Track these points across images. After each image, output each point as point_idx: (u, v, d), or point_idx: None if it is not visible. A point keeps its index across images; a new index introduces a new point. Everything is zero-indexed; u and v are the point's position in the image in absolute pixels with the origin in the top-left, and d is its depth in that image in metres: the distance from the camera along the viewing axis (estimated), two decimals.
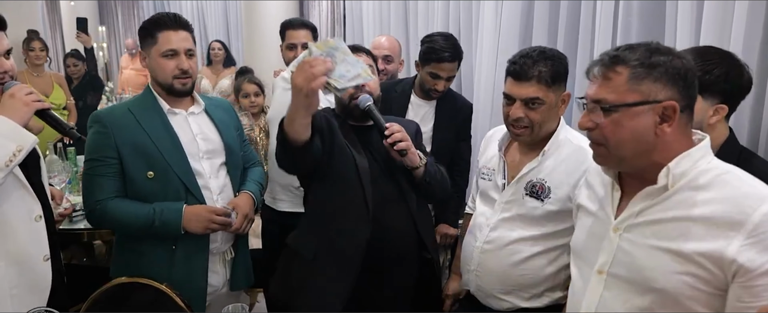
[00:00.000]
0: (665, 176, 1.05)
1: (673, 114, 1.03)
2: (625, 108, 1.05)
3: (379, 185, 1.62)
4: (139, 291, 1.66)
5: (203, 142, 1.78)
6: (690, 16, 1.80)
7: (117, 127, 1.69)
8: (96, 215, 1.72)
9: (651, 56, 1.04)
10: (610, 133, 1.07)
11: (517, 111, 1.55)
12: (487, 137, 1.84)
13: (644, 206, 1.09)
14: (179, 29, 1.72)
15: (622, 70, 1.05)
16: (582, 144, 1.58)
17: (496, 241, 1.64)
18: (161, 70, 1.71)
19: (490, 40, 2.67)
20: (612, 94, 1.06)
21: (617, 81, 1.05)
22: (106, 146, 1.68)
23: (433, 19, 3.17)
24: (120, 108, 1.77)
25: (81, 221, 2.52)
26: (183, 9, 8.17)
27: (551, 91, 1.54)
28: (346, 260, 1.59)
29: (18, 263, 1.41)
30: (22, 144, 1.36)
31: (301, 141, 1.43)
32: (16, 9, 4.33)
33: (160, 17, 1.74)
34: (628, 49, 1.07)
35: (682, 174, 1.05)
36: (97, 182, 1.69)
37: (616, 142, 1.08)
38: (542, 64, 1.51)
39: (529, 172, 1.61)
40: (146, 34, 1.73)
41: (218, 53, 5.47)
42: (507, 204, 1.64)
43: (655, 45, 1.07)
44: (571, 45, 2.32)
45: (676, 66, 1.03)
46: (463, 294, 1.86)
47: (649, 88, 1.03)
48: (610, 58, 1.08)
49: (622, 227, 1.12)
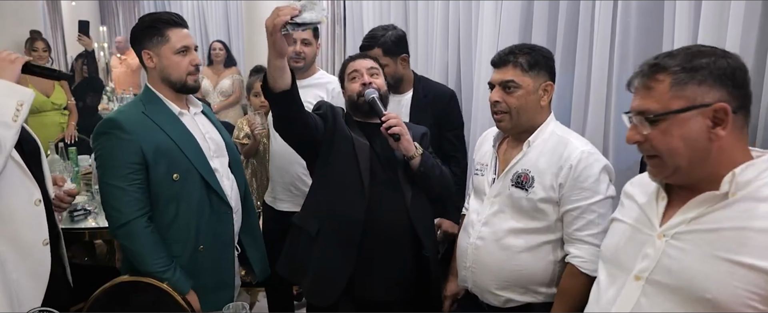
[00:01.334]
0: (729, 182, 1.00)
1: (726, 116, 0.98)
2: (671, 116, 1.00)
3: (377, 173, 1.75)
4: (140, 290, 1.67)
5: (212, 142, 1.80)
6: (688, 15, 1.81)
7: (140, 132, 1.64)
8: (130, 230, 1.64)
9: (692, 59, 1.00)
10: (661, 144, 1.03)
11: (495, 95, 1.63)
12: (483, 136, 1.86)
13: (700, 212, 1.04)
14: (184, 26, 1.76)
15: (664, 77, 1.01)
16: (567, 136, 1.62)
17: (488, 236, 1.65)
18: (176, 68, 1.72)
19: (489, 40, 2.67)
20: (656, 103, 1.02)
21: (660, 89, 1.02)
22: (131, 152, 1.63)
23: (433, 19, 3.17)
24: (134, 112, 1.71)
25: (82, 220, 2.54)
26: (183, 9, 8.15)
27: (528, 77, 1.59)
28: (344, 240, 1.72)
29: (17, 246, 1.44)
30: (21, 98, 1.40)
31: (280, 88, 1.58)
32: (17, 9, 4.34)
33: (165, 16, 1.74)
34: (668, 56, 1.03)
35: (747, 183, 1.00)
36: (125, 194, 1.63)
37: (669, 152, 1.03)
38: (519, 52, 1.60)
39: (515, 164, 1.64)
40: (155, 33, 1.70)
41: (219, 53, 5.48)
42: (496, 198, 1.66)
43: (697, 48, 1.03)
44: (570, 44, 2.33)
45: (721, 66, 0.98)
46: (462, 293, 1.87)
47: (694, 92, 0.99)
48: (650, 66, 1.04)
49: (669, 234, 1.07)
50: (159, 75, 1.74)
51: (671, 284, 1.04)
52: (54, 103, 4.17)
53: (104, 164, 1.67)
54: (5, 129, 1.36)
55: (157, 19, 1.73)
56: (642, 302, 1.09)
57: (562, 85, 2.17)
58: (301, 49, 2.46)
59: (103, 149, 1.66)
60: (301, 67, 2.48)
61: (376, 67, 1.88)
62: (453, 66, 3.08)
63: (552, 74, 1.65)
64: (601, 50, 2.14)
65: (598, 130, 2.19)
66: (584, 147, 1.58)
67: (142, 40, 1.73)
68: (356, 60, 1.91)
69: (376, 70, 1.86)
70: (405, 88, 2.37)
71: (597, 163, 1.56)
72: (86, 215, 2.57)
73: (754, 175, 1.00)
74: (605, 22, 2.12)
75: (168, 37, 1.70)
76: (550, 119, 1.66)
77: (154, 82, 1.76)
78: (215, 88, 5.28)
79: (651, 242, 1.09)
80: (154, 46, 1.71)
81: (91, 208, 2.60)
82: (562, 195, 1.56)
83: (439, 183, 1.80)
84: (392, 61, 2.25)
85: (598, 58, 2.15)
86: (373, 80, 1.82)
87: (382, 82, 1.85)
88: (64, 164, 2.93)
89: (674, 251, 1.05)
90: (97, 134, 1.68)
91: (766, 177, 1.00)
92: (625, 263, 1.15)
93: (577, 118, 2.30)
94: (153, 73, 1.75)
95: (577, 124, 2.28)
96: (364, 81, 1.81)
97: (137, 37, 1.74)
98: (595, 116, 2.20)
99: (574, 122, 2.30)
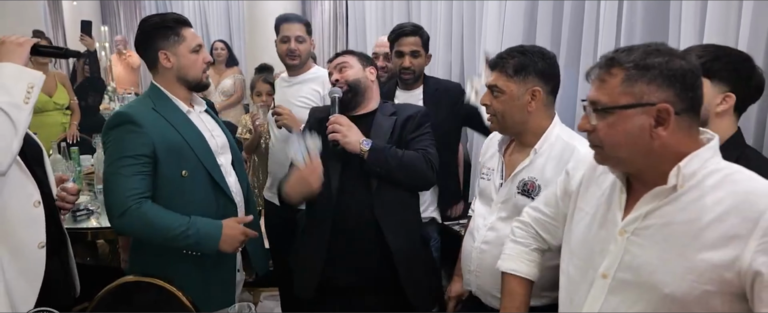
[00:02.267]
0: (675, 176, 1.02)
1: (668, 116, 1.00)
2: (618, 110, 1.03)
3: (349, 166, 1.82)
4: (143, 290, 1.66)
5: (218, 139, 1.81)
6: (694, 16, 1.80)
7: (152, 127, 1.64)
8: (131, 216, 1.60)
9: (646, 57, 1.02)
10: (605, 136, 1.07)
11: (485, 98, 1.65)
12: (489, 139, 1.85)
13: (652, 207, 1.06)
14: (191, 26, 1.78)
15: (617, 72, 1.04)
16: (572, 141, 1.60)
17: (494, 241, 1.64)
18: (193, 66, 1.73)
19: (493, 40, 2.67)
20: (606, 96, 1.05)
21: (612, 83, 1.04)
22: (142, 145, 1.62)
23: (436, 19, 3.17)
24: (144, 108, 1.70)
25: (85, 220, 2.53)
26: (185, 9, 8.17)
27: (512, 82, 1.58)
28: (319, 232, 1.85)
29: (11, 246, 1.43)
30: (32, 81, 1.41)
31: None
32: (19, 9, 4.35)
33: (175, 16, 1.76)
34: (627, 50, 1.05)
35: (692, 174, 1.02)
36: (130, 180, 1.60)
37: (611, 145, 1.07)
38: (509, 57, 1.59)
39: (521, 170, 1.63)
40: (170, 33, 1.71)
41: (221, 53, 5.47)
42: (503, 204, 1.66)
43: (656, 46, 1.05)
44: (575, 45, 2.32)
45: (673, 67, 1.00)
46: (466, 295, 1.86)
47: (641, 90, 1.01)
48: (607, 60, 1.06)
49: (629, 230, 1.09)
50: (175, 74, 1.73)
51: (636, 282, 1.06)
52: (56, 103, 4.16)
53: (113, 154, 1.64)
54: (17, 110, 1.36)
55: (173, 18, 1.74)
56: (610, 300, 1.10)
57: (566, 84, 2.16)
58: (295, 46, 2.51)
59: (115, 141, 1.64)
60: (297, 65, 2.53)
61: (346, 61, 1.92)
62: (456, 66, 3.08)
63: (545, 78, 1.60)
64: (606, 50, 2.12)
65: None
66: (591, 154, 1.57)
67: (157, 41, 1.71)
68: (334, 58, 1.99)
69: (345, 65, 1.91)
70: (416, 85, 2.50)
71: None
72: (89, 215, 2.56)
73: (699, 165, 1.02)
74: (610, 22, 2.11)
75: (184, 37, 1.71)
76: (554, 123, 1.64)
77: (166, 81, 1.74)
78: (217, 87, 5.27)
79: (613, 238, 1.11)
80: (171, 46, 1.71)
81: (94, 208, 2.59)
82: None
83: (402, 174, 1.79)
84: (424, 54, 2.46)
85: None
86: (342, 75, 1.88)
87: (351, 73, 1.89)
88: (67, 164, 2.93)
89: (635, 248, 1.07)
90: (109, 127, 1.66)
91: (710, 165, 1.02)
92: (590, 259, 1.16)
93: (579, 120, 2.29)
94: (167, 73, 1.73)
95: None
96: (334, 78, 1.91)
97: (151, 37, 1.72)
98: None
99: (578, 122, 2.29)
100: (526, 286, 1.42)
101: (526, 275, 1.42)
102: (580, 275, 1.19)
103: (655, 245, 1.04)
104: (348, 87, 1.87)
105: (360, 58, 1.95)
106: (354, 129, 1.80)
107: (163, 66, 1.72)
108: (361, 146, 1.77)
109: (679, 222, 1.02)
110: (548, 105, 1.64)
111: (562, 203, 1.33)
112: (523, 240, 1.45)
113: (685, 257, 0.99)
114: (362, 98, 1.91)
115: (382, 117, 1.90)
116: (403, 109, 1.93)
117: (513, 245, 1.46)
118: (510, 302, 1.42)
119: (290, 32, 2.51)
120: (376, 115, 1.91)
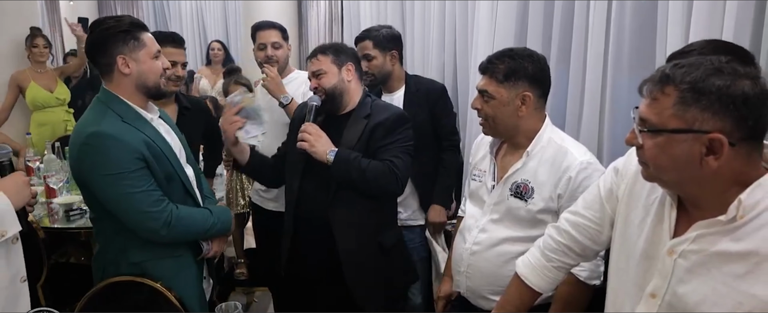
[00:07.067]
0: (736, 208, 0.94)
1: (721, 147, 0.91)
2: (666, 133, 0.96)
3: (313, 168, 1.91)
4: (133, 290, 1.67)
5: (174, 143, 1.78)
6: (681, 16, 1.81)
7: (128, 140, 1.58)
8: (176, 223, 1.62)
9: (705, 79, 0.91)
10: (651, 156, 1.00)
11: (475, 102, 1.66)
12: (480, 140, 1.86)
13: (705, 232, 0.99)
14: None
15: (671, 91, 0.95)
16: (565, 144, 1.61)
17: (485, 242, 1.65)
18: (153, 72, 1.66)
19: (485, 40, 2.68)
20: (656, 116, 0.97)
21: (664, 103, 0.96)
22: (133, 155, 1.57)
23: (430, 20, 3.18)
24: (112, 122, 1.60)
25: (78, 220, 2.54)
26: (182, 9, 8.16)
27: (502, 87, 1.59)
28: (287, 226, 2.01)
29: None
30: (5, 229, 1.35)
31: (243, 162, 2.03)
32: (16, 9, 4.35)
33: (132, 19, 1.67)
34: (686, 67, 0.95)
35: (755, 204, 0.93)
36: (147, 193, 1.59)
37: (657, 167, 1.00)
38: (499, 62, 1.60)
39: (514, 173, 1.63)
40: (129, 37, 1.61)
41: (218, 53, 5.48)
42: (495, 205, 1.66)
43: (718, 65, 0.93)
44: (565, 44, 2.33)
45: (733, 93, 0.90)
46: (455, 296, 1.87)
47: (694, 115, 0.92)
48: (662, 75, 0.97)
49: (677, 251, 1.02)
50: (134, 81, 1.64)
51: (680, 305, 1.02)
52: (58, 99, 4.16)
53: (111, 174, 1.56)
54: None
55: (128, 22, 1.64)
56: None
57: (557, 85, 2.17)
58: (272, 53, 2.53)
59: (103, 163, 1.56)
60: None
61: (321, 68, 1.93)
62: (449, 67, 3.09)
63: (536, 81, 1.60)
64: (596, 50, 2.14)
65: (593, 130, 2.19)
66: (583, 157, 1.57)
67: (117, 45, 1.61)
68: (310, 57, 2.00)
69: (321, 72, 1.93)
70: (396, 86, 2.50)
71: (596, 173, 1.54)
72: (82, 214, 2.57)
73: (762, 195, 0.94)
74: (600, 22, 2.13)
75: (144, 42, 1.64)
76: (545, 125, 1.65)
77: (122, 89, 1.65)
78: (213, 87, 5.28)
79: (661, 258, 1.05)
80: (131, 51, 1.62)
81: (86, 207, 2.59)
82: (561, 205, 1.55)
83: (364, 186, 1.83)
84: (381, 55, 2.42)
85: (593, 57, 2.16)
86: (319, 83, 1.92)
87: (326, 81, 1.92)
88: (61, 164, 2.94)
89: (682, 273, 1.01)
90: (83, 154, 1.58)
91: None
92: (637, 274, 1.11)
93: (572, 118, 2.30)
94: (124, 80, 1.63)
95: (572, 125, 2.29)
96: (313, 85, 1.96)
97: (107, 41, 1.61)
98: (589, 116, 2.20)
99: (569, 122, 2.31)
100: (532, 297, 1.38)
101: (538, 288, 1.37)
102: (625, 290, 1.15)
103: (706, 273, 0.98)
104: (325, 95, 1.92)
105: (335, 58, 1.94)
106: (323, 139, 1.85)
107: (121, 72, 1.62)
108: (327, 156, 1.82)
109: (736, 253, 0.95)
110: (539, 108, 1.64)
111: (608, 205, 1.24)
112: (551, 254, 1.35)
113: (738, 292, 0.94)
114: (340, 102, 1.94)
115: (355, 119, 1.92)
116: (378, 112, 1.92)
117: (538, 255, 1.38)
118: (510, 302, 1.40)
119: (266, 39, 2.53)
120: (350, 117, 1.94)
